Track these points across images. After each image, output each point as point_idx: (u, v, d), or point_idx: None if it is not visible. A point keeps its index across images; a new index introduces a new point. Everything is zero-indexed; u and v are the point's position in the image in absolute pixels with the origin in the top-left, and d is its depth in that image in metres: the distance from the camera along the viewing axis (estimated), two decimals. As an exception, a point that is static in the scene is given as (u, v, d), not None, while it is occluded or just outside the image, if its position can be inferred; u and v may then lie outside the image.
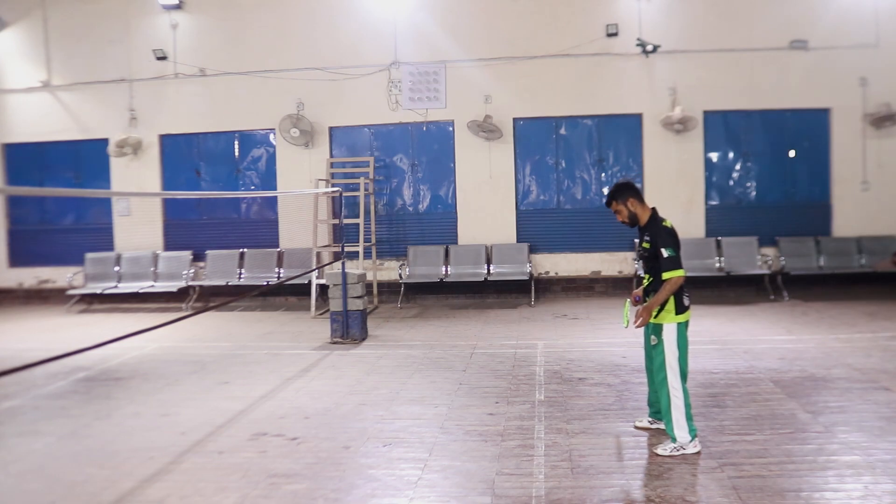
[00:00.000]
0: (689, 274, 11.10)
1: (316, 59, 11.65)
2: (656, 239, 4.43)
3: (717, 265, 10.92)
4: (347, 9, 11.69)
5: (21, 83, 12.52)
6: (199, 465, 4.46)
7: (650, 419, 4.86)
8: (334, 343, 8.17)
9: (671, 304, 4.38)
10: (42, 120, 12.46)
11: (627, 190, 4.55)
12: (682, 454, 4.33)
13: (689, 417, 4.36)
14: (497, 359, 7.17)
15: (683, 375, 4.44)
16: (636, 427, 4.88)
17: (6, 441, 5.10)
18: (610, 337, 8.18)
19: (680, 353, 4.40)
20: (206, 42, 12.03)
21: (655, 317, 4.43)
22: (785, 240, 11.10)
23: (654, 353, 4.51)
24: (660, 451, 4.37)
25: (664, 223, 4.52)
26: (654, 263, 4.46)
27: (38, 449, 4.88)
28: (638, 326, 4.47)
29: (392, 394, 5.96)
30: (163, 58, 12.00)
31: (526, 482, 4.03)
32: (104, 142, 12.17)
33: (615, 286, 11.42)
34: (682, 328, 4.43)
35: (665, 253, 4.34)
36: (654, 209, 4.64)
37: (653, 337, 4.47)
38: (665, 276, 4.33)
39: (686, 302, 4.46)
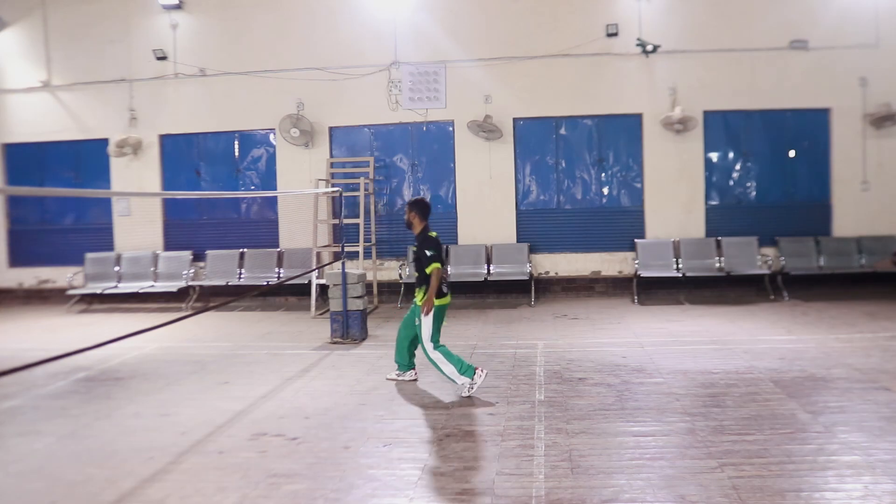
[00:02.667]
0: (689, 274, 11.17)
1: (316, 59, 11.65)
2: (421, 243, 6.03)
3: (717, 265, 10.92)
4: (347, 9, 11.69)
5: (21, 83, 12.52)
6: (199, 465, 4.46)
7: (397, 373, 6.42)
8: (334, 343, 8.17)
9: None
10: (42, 120, 12.46)
11: (416, 207, 6.21)
12: (473, 388, 5.75)
13: (460, 370, 5.76)
14: (497, 359, 7.17)
15: (436, 343, 5.89)
16: (387, 379, 6.37)
17: (6, 441, 5.10)
18: (610, 337, 8.18)
19: (434, 330, 5.89)
20: (206, 42, 12.03)
21: (421, 300, 5.94)
22: (785, 240, 11.10)
23: (416, 329, 6.03)
24: (464, 393, 5.80)
25: (430, 234, 6.07)
26: (417, 264, 6.03)
27: (39, 449, 4.89)
28: (425, 314, 5.88)
29: (392, 394, 5.97)
30: (163, 58, 12.00)
31: (526, 482, 4.03)
32: (104, 142, 12.17)
33: (615, 286, 11.42)
34: (438, 309, 5.91)
35: (428, 253, 5.90)
36: (426, 225, 6.19)
37: (416, 318, 5.98)
38: (428, 269, 5.87)
39: (444, 289, 5.99)
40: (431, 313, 5.85)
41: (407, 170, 11.87)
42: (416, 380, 6.32)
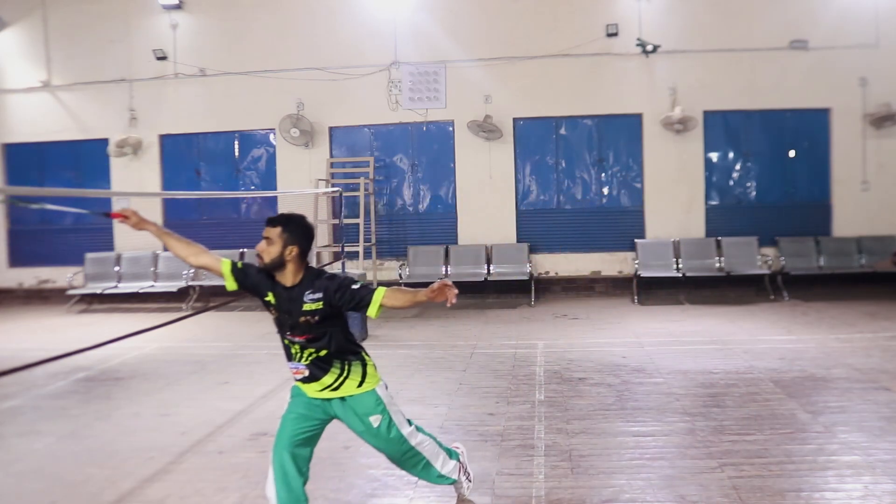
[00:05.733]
0: (689, 274, 11.15)
1: (316, 59, 11.65)
2: (334, 285, 3.16)
3: (717, 265, 10.92)
4: (347, 9, 11.69)
5: (21, 83, 12.51)
6: (199, 465, 4.46)
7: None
8: (334, 343, 8.15)
9: (371, 367, 3.35)
10: (42, 120, 12.45)
11: (300, 235, 3.29)
12: (466, 474, 3.70)
13: (441, 449, 3.59)
14: (497, 359, 7.17)
15: (410, 422, 3.53)
16: None
17: (6, 441, 5.09)
18: (610, 337, 8.18)
19: (399, 413, 3.45)
20: (207, 42, 12.02)
21: (357, 386, 3.29)
22: (785, 240, 11.09)
23: (383, 438, 3.37)
24: (465, 492, 3.70)
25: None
26: (328, 325, 3.20)
27: (39, 449, 4.88)
28: (442, 299, 3.04)
29: (392, 394, 5.95)
30: (163, 58, 12.00)
31: (526, 482, 4.03)
32: (104, 142, 12.16)
33: (615, 286, 11.42)
34: (384, 386, 3.45)
35: (356, 286, 3.17)
36: (310, 267, 3.34)
37: (376, 416, 3.31)
38: (374, 303, 3.12)
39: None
40: (387, 394, 3.43)
41: (407, 170, 11.87)
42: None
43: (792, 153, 11.38)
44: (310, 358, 3.20)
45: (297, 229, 3.27)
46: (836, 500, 3.71)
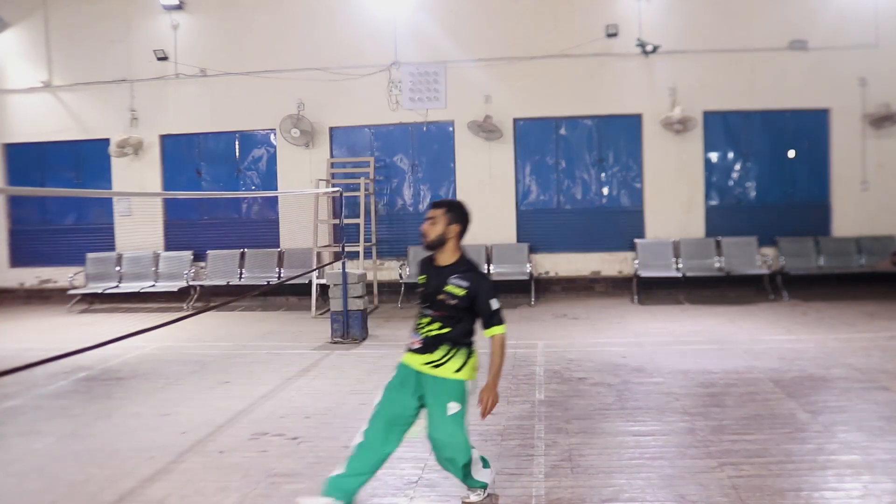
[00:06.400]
0: (688, 274, 11.17)
1: (316, 59, 11.66)
2: (483, 288, 3.52)
3: (717, 265, 10.92)
4: (347, 9, 11.70)
5: (22, 83, 12.52)
6: (199, 465, 4.46)
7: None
8: (335, 343, 8.18)
9: (461, 360, 3.55)
10: (43, 120, 12.46)
11: (461, 216, 3.72)
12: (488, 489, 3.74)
13: (477, 458, 3.69)
14: (497, 359, 7.16)
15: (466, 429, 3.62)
16: None
17: (7, 441, 5.10)
18: (610, 337, 8.19)
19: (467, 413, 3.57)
20: (207, 42, 12.03)
21: (457, 371, 3.53)
22: (785, 240, 11.10)
23: (450, 424, 3.50)
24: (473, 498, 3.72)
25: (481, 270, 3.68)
26: (459, 314, 3.52)
27: (39, 449, 4.89)
28: (487, 414, 3.50)
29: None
30: (163, 58, 12.01)
31: (526, 482, 4.04)
32: (105, 142, 12.17)
33: (615, 286, 11.43)
34: (470, 385, 3.61)
35: (494, 305, 3.50)
36: (465, 252, 3.73)
37: (454, 404, 3.49)
38: (490, 332, 3.51)
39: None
40: (465, 391, 3.56)
41: (407, 170, 11.88)
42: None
43: (791, 153, 11.39)
44: (431, 332, 3.54)
45: (458, 211, 3.70)
46: (836, 499, 3.71)
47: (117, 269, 11.97)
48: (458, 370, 3.52)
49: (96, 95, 12.31)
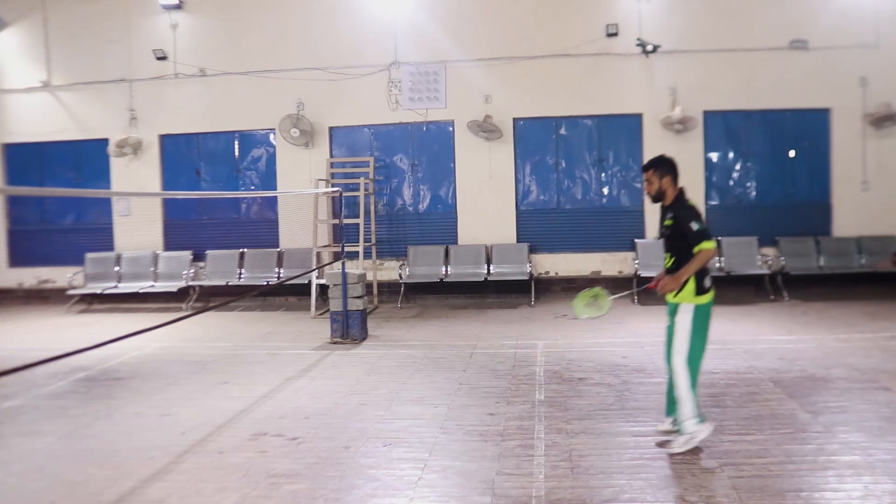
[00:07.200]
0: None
1: (316, 59, 11.65)
2: (681, 215, 4.36)
3: (717, 265, 10.91)
4: (347, 9, 11.69)
5: (21, 83, 12.52)
6: (199, 465, 4.46)
7: (671, 419, 4.59)
8: (334, 343, 8.17)
9: (691, 285, 4.31)
10: (42, 120, 12.46)
11: (668, 167, 4.51)
12: (694, 444, 4.29)
13: (694, 413, 4.31)
14: (497, 359, 7.17)
15: (692, 360, 4.37)
16: (659, 431, 4.73)
17: (6, 441, 5.10)
18: (610, 337, 8.18)
19: (693, 337, 4.29)
20: (206, 42, 12.03)
21: (675, 296, 4.40)
22: (785, 240, 11.10)
23: (669, 336, 4.41)
24: (674, 449, 4.33)
25: (689, 202, 4.47)
26: (677, 242, 4.41)
27: (39, 449, 4.89)
28: (661, 292, 4.45)
29: (392, 394, 5.97)
30: (163, 58, 12.00)
31: (526, 482, 4.03)
32: (104, 142, 12.17)
33: (615, 286, 11.37)
34: (700, 311, 4.33)
35: (694, 226, 4.29)
36: (681, 189, 4.53)
37: (668, 318, 4.45)
38: (696, 248, 4.26)
39: (707, 283, 4.37)
40: (691, 316, 4.33)
41: (407, 170, 11.87)
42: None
43: (792, 153, 11.39)
44: (667, 262, 4.54)
45: (663, 164, 4.51)
46: (836, 500, 3.71)
47: (116, 269, 11.96)
48: (694, 295, 4.31)
49: (95, 95, 12.31)
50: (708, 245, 4.24)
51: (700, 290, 4.31)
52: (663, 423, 4.69)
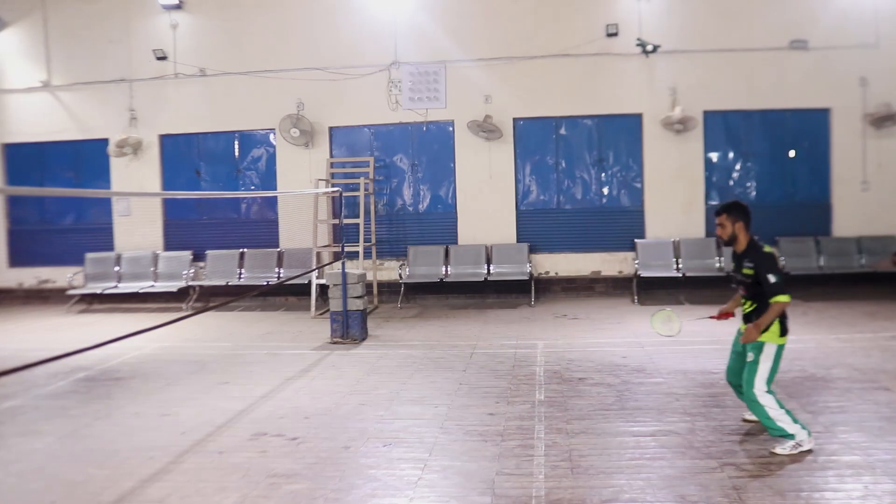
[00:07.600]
0: (689, 274, 11.14)
1: (316, 59, 11.65)
2: (762, 266, 4.51)
3: (717, 265, 10.92)
4: (347, 9, 11.69)
5: (21, 83, 12.51)
6: (199, 465, 4.46)
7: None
8: (334, 343, 8.17)
9: (776, 326, 4.53)
10: (42, 120, 12.46)
11: (741, 213, 4.61)
12: (800, 451, 4.32)
13: (794, 419, 4.41)
14: (497, 359, 7.17)
15: (769, 385, 4.51)
16: (744, 420, 4.95)
17: (6, 441, 5.10)
18: (610, 337, 8.18)
19: (771, 373, 4.51)
20: (206, 42, 12.02)
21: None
22: (785, 240, 11.09)
23: (746, 368, 4.55)
24: (778, 450, 4.34)
25: (765, 249, 4.60)
26: (757, 289, 4.57)
27: (39, 449, 4.89)
28: (744, 341, 4.56)
29: (392, 394, 5.97)
30: (163, 58, 12.00)
31: (526, 482, 4.03)
32: (104, 142, 12.16)
33: (615, 286, 11.42)
34: (782, 349, 4.56)
35: (772, 279, 4.48)
36: (753, 237, 4.66)
37: (750, 353, 4.51)
38: (773, 300, 4.47)
39: (788, 325, 4.63)
40: (774, 355, 4.52)
41: (407, 170, 11.87)
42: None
43: (792, 153, 11.38)
44: (746, 310, 4.69)
45: (737, 210, 4.61)
46: (836, 499, 3.71)
47: (116, 269, 11.95)
48: (764, 332, 4.49)
49: (95, 95, 12.30)
50: (783, 299, 4.48)
51: (783, 332, 4.57)
52: (749, 413, 4.90)
